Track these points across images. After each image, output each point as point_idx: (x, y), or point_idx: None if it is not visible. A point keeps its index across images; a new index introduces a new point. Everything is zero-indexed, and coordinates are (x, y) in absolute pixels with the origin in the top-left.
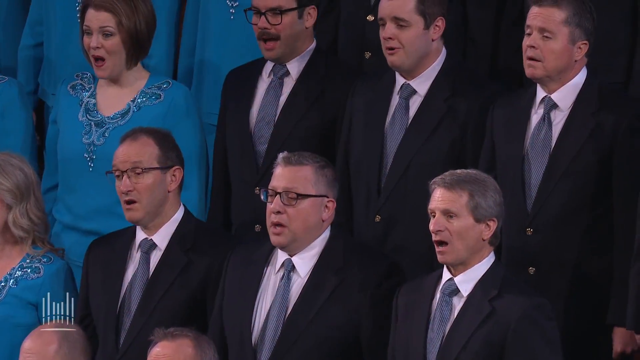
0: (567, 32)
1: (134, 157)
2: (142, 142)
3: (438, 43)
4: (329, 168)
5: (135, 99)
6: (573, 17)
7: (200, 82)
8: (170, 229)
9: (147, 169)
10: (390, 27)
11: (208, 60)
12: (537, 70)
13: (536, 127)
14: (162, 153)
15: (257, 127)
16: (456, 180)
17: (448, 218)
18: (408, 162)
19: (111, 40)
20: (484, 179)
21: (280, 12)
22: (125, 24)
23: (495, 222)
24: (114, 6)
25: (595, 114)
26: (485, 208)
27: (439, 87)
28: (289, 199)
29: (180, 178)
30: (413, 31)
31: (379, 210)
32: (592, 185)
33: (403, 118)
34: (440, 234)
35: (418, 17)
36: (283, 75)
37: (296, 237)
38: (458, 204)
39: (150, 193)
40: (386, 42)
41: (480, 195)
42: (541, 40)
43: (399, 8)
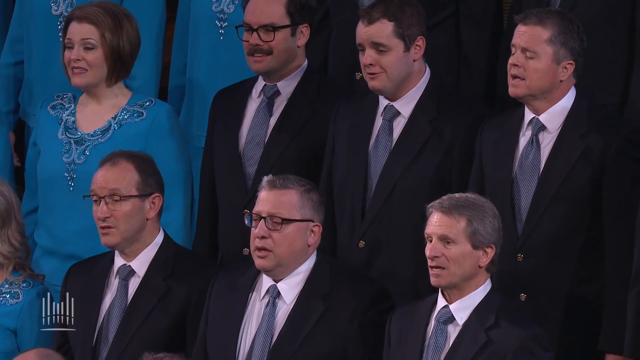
0: (550, 51)
1: (113, 183)
2: (122, 168)
3: (420, 63)
4: (314, 192)
5: (117, 116)
6: (558, 36)
7: (190, 103)
8: (149, 255)
9: (125, 197)
10: (370, 52)
11: (197, 82)
12: (518, 89)
13: (524, 150)
14: (142, 180)
15: (247, 148)
16: (454, 205)
17: (445, 244)
18: (392, 185)
19: (93, 53)
20: (483, 204)
21: (273, 28)
22: (109, 38)
23: (493, 249)
24: (98, 19)
25: (584, 136)
26: (483, 234)
27: (424, 108)
28: (274, 223)
29: (160, 206)
30: (394, 55)
31: (363, 235)
32: (582, 208)
33: (387, 140)
34: (436, 260)
35: (397, 40)
36: (273, 95)
37: (281, 261)
38: (455, 230)
39: (127, 220)
40: (367, 68)
41: (478, 221)
42: (524, 59)
43: (377, 33)
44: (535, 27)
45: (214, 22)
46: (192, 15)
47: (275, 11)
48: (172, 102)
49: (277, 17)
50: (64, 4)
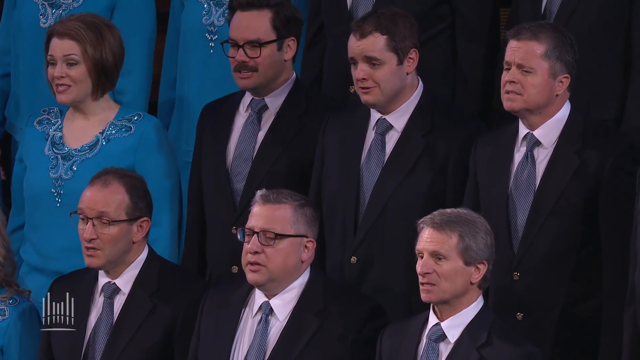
0: (547, 66)
1: (102, 206)
2: (113, 190)
3: (413, 76)
4: (308, 207)
5: (104, 131)
6: (553, 50)
7: (180, 117)
8: (133, 272)
9: (114, 222)
10: (363, 66)
11: (187, 96)
12: (515, 103)
13: (519, 166)
14: (132, 203)
15: (235, 164)
16: (446, 221)
17: (436, 260)
18: (385, 200)
19: (76, 69)
20: (475, 219)
21: (259, 44)
22: (91, 52)
23: (486, 266)
24: (79, 34)
25: (580, 151)
26: (475, 250)
27: (417, 122)
28: (267, 238)
29: (147, 229)
30: (387, 69)
31: (355, 251)
32: (578, 225)
33: (379, 154)
34: (428, 276)
35: (390, 54)
36: (261, 109)
37: (274, 277)
38: (447, 246)
39: (113, 244)
40: (360, 83)
41: (470, 237)
42: (521, 75)
43: (370, 47)
44: (530, 42)
45: (204, 34)
46: (182, 27)
47: (261, 26)
48: (161, 116)
49: (262, 32)
50: (52, 16)
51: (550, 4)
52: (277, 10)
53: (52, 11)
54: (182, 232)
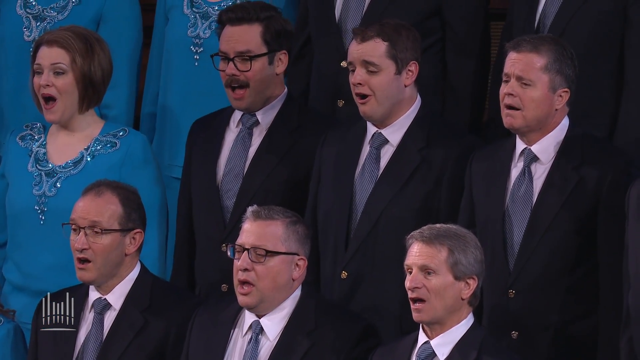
0: (547, 79)
1: (94, 215)
2: (106, 200)
3: (411, 90)
4: (300, 224)
5: (89, 147)
6: (553, 63)
7: (162, 132)
8: (125, 288)
9: (106, 231)
10: (360, 72)
11: (170, 109)
12: (516, 120)
13: (516, 182)
14: (125, 214)
15: (225, 180)
16: (435, 235)
17: (426, 274)
18: (378, 215)
19: (63, 79)
20: (464, 234)
21: (249, 57)
22: (79, 63)
23: (476, 281)
24: (69, 43)
25: (578, 167)
26: (465, 265)
27: (413, 137)
28: (258, 255)
29: (140, 242)
30: (384, 76)
31: (346, 266)
32: (576, 242)
33: (374, 168)
34: (417, 291)
35: (389, 61)
36: (252, 125)
37: (264, 297)
38: (437, 260)
39: (106, 255)
40: (355, 88)
41: (460, 251)
42: (520, 87)
43: (369, 52)
44: (530, 54)
45: (189, 47)
46: (166, 40)
47: (252, 40)
48: (144, 131)
49: (253, 45)
50: (37, 30)
51: (544, 17)
52: (267, 24)
53: (36, 24)
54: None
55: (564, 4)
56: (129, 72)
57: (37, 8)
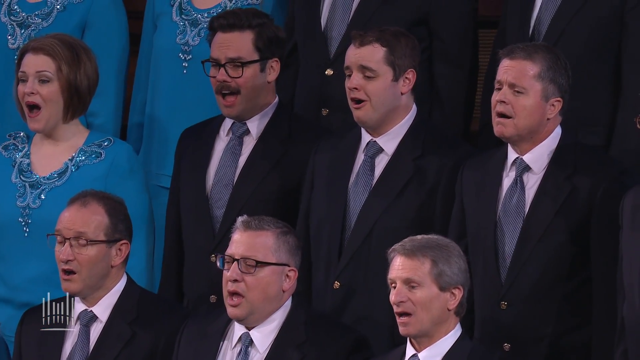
0: (539, 87)
1: (80, 225)
2: (92, 210)
3: (408, 98)
4: (291, 234)
5: (74, 157)
6: (547, 71)
7: (150, 140)
8: (111, 300)
9: (92, 242)
10: (357, 76)
11: (158, 118)
12: (507, 128)
13: (508, 192)
14: (111, 224)
15: (214, 190)
16: (417, 247)
17: (410, 288)
18: (372, 224)
19: (48, 87)
20: (447, 244)
21: (241, 64)
22: (65, 71)
23: (461, 291)
24: (55, 50)
25: (571, 177)
26: (450, 275)
27: (408, 146)
28: (247, 266)
29: (127, 253)
30: (381, 82)
31: (339, 276)
32: (569, 253)
33: (368, 177)
34: (402, 305)
35: (387, 67)
36: (243, 134)
37: (254, 308)
38: (420, 272)
39: (91, 266)
40: (351, 93)
41: (444, 262)
42: (512, 95)
43: (367, 57)
44: (524, 61)
45: (177, 54)
46: (154, 48)
47: (243, 46)
48: (132, 141)
49: (245, 52)
50: (21, 37)
51: (538, 24)
52: (259, 31)
53: (21, 31)
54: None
55: (559, 11)
56: (115, 80)
57: (22, 15)
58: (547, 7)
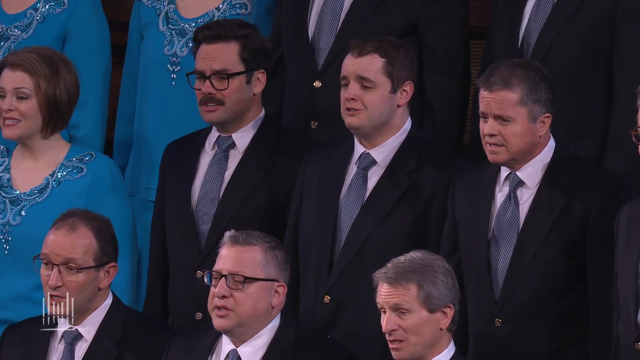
0: (525, 112)
1: (69, 252)
2: (80, 235)
3: (404, 110)
4: (280, 249)
5: (55, 172)
6: (528, 94)
7: (138, 153)
8: (97, 319)
9: (82, 269)
10: (354, 87)
11: (146, 130)
12: (500, 155)
13: (502, 207)
14: (100, 248)
15: (200, 204)
16: (400, 273)
17: (400, 314)
18: (364, 238)
19: (26, 103)
20: (431, 263)
21: (226, 75)
22: (44, 87)
23: (452, 308)
24: (33, 66)
25: (565, 191)
26: (437, 297)
27: (403, 159)
28: (236, 282)
29: (114, 275)
30: (378, 93)
31: (329, 290)
32: (564, 269)
33: (360, 190)
34: (394, 333)
35: (385, 78)
36: (229, 147)
37: (242, 322)
38: (408, 298)
39: (79, 292)
40: (347, 103)
41: (429, 284)
42: (499, 125)
43: (366, 67)
44: (502, 91)
45: (165, 66)
46: (141, 59)
47: (229, 58)
48: (119, 155)
49: (230, 63)
50: (1, 50)
51: (527, 36)
52: (245, 42)
53: (0, 44)
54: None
55: (548, 22)
56: (97, 91)
57: (1, 27)
58: (535, 18)
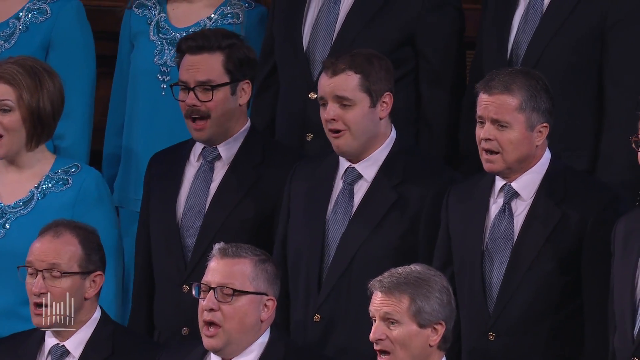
0: (523, 119)
1: (53, 257)
2: (65, 241)
3: (386, 122)
4: (269, 263)
5: (40, 185)
6: (528, 101)
7: (127, 164)
8: (85, 335)
9: (66, 274)
10: (333, 107)
11: (135, 141)
12: (495, 164)
13: (496, 219)
14: (85, 255)
15: (185, 218)
16: (395, 283)
17: (389, 324)
18: (352, 255)
19: (9, 116)
20: (429, 277)
21: (211, 87)
22: (27, 99)
23: (444, 326)
24: (15, 78)
25: (561, 203)
26: (429, 312)
27: (389, 172)
28: (224, 295)
29: (101, 285)
30: (358, 110)
31: (319, 309)
32: (560, 282)
33: (347, 205)
34: (381, 343)
35: (363, 94)
36: (214, 159)
37: (231, 338)
38: (398, 309)
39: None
40: (329, 124)
41: (422, 298)
42: (496, 130)
43: (342, 86)
44: (502, 95)
45: (155, 75)
46: (131, 68)
47: (213, 69)
48: (108, 166)
49: (215, 74)
50: None
51: (516, 47)
52: (229, 53)
53: None
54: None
55: (537, 32)
56: (82, 100)
57: None
58: (524, 29)
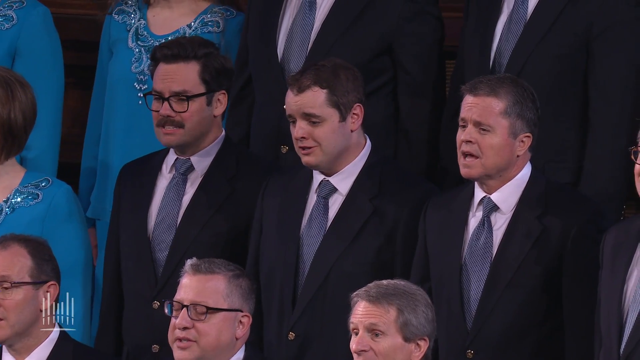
0: (507, 124)
1: (2, 269)
2: (13, 252)
3: (359, 133)
4: (244, 278)
5: (9, 199)
6: (513, 106)
7: (104, 176)
8: (43, 354)
9: (16, 284)
10: (302, 124)
11: (112, 152)
12: (473, 169)
13: (474, 233)
14: (36, 265)
15: (156, 231)
16: (382, 294)
17: (373, 336)
18: (327, 271)
19: None
20: (414, 291)
21: (186, 97)
22: None
23: (427, 342)
24: None
25: (542, 217)
26: (415, 326)
27: (364, 185)
28: (198, 313)
29: (56, 295)
30: (328, 126)
31: (293, 327)
32: (539, 298)
33: (322, 220)
34: (364, 354)
35: (331, 109)
36: (187, 171)
37: (205, 355)
38: (385, 320)
39: (19, 311)
40: (299, 142)
41: (410, 310)
42: (478, 133)
43: (309, 103)
44: (488, 98)
45: (132, 84)
46: (109, 76)
47: (188, 79)
48: (86, 177)
49: (190, 84)
50: None
51: (499, 56)
52: (205, 62)
53: None
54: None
55: (520, 41)
56: (50, 110)
57: None
58: (507, 37)
